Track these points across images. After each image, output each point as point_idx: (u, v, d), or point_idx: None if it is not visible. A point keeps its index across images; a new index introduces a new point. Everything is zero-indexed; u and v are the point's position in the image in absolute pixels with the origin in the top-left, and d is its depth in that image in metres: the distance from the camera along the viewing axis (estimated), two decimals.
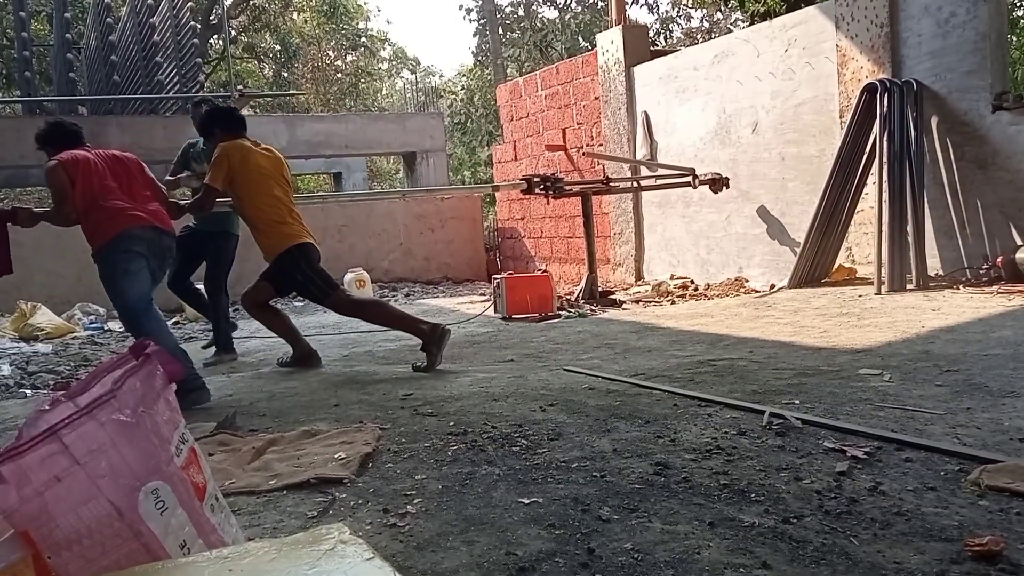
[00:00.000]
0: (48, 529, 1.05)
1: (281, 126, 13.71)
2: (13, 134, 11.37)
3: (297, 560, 0.81)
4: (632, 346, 4.63)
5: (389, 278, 11.05)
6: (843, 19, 6.56)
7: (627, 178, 8.61)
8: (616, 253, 9.42)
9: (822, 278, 6.62)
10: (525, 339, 5.36)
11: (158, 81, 12.83)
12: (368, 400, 3.55)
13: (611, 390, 3.36)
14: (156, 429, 1.19)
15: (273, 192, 4.46)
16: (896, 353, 3.66)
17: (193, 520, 1.18)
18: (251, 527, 2.01)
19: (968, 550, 1.58)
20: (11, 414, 3.87)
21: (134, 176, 3.92)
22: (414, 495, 2.17)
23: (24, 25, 15.89)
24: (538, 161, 10.63)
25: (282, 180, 4.58)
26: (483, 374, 4.01)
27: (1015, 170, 5.63)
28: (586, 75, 9.68)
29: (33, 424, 1.15)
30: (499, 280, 6.78)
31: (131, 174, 3.91)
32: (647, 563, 1.63)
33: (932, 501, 1.88)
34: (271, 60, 26.65)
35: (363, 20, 29.32)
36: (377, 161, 25.39)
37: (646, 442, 2.53)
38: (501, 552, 1.74)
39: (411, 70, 32.62)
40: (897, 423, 2.55)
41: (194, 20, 14.80)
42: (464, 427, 2.87)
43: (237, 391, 4.08)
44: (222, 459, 2.64)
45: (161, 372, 1.27)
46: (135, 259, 3.74)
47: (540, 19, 22.98)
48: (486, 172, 18.49)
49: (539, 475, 2.27)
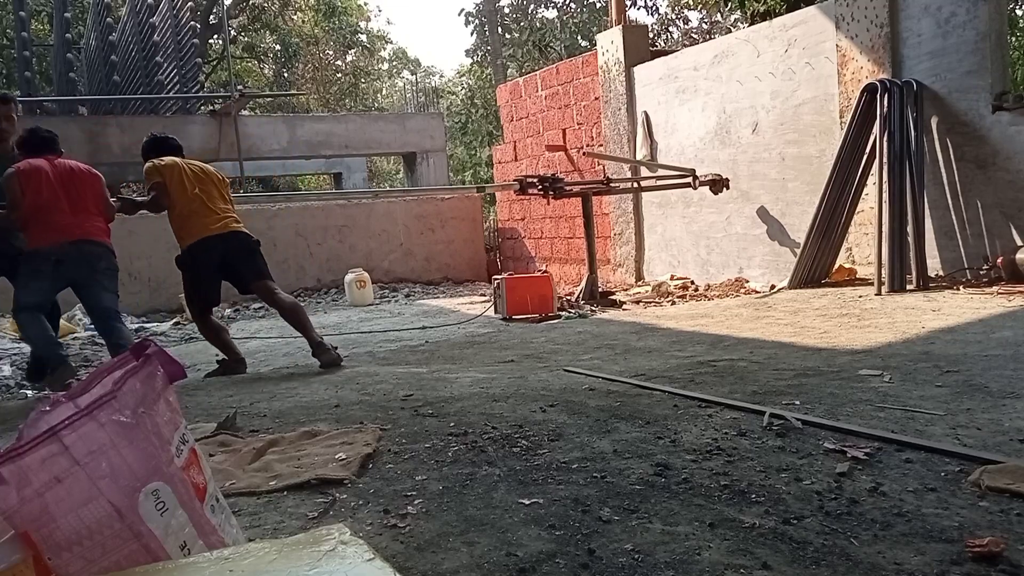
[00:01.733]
0: (49, 530, 1.05)
1: (281, 126, 13.71)
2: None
3: (297, 561, 0.81)
4: (632, 347, 4.63)
5: (389, 278, 11.05)
6: (843, 19, 6.56)
7: (627, 178, 8.61)
8: (616, 253, 9.42)
9: (822, 279, 6.62)
10: (525, 340, 5.36)
11: (158, 81, 12.83)
12: (369, 401, 3.55)
13: (611, 391, 3.36)
14: (156, 430, 1.18)
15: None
16: (896, 354, 3.66)
17: (193, 521, 1.18)
18: (252, 528, 2.00)
19: (968, 551, 1.58)
20: (11, 414, 3.87)
21: (85, 192, 4.30)
22: (414, 496, 2.17)
23: (24, 25, 15.89)
24: (538, 161, 10.63)
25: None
26: (483, 375, 4.01)
27: (1015, 170, 5.63)
28: (586, 75, 9.68)
29: (33, 425, 1.15)
30: (499, 280, 6.78)
31: (82, 189, 4.29)
32: (647, 564, 1.63)
33: (932, 502, 1.88)
34: (271, 60, 26.65)
35: (363, 20, 29.32)
36: (377, 161, 25.41)
37: (646, 443, 2.53)
38: (501, 553, 1.74)
39: (411, 71, 32.64)
40: (897, 424, 2.55)
41: (194, 20, 14.81)
42: (464, 428, 2.87)
43: (238, 391, 4.08)
44: (222, 460, 2.64)
45: (161, 373, 1.27)
46: (36, 275, 4.22)
47: (539, 19, 22.98)
48: (486, 172, 18.49)
49: (539, 476, 2.27)
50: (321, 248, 10.84)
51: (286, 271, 10.44)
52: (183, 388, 4.08)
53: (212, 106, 13.60)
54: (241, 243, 4.64)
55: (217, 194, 4.62)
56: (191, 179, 4.53)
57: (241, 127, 12.68)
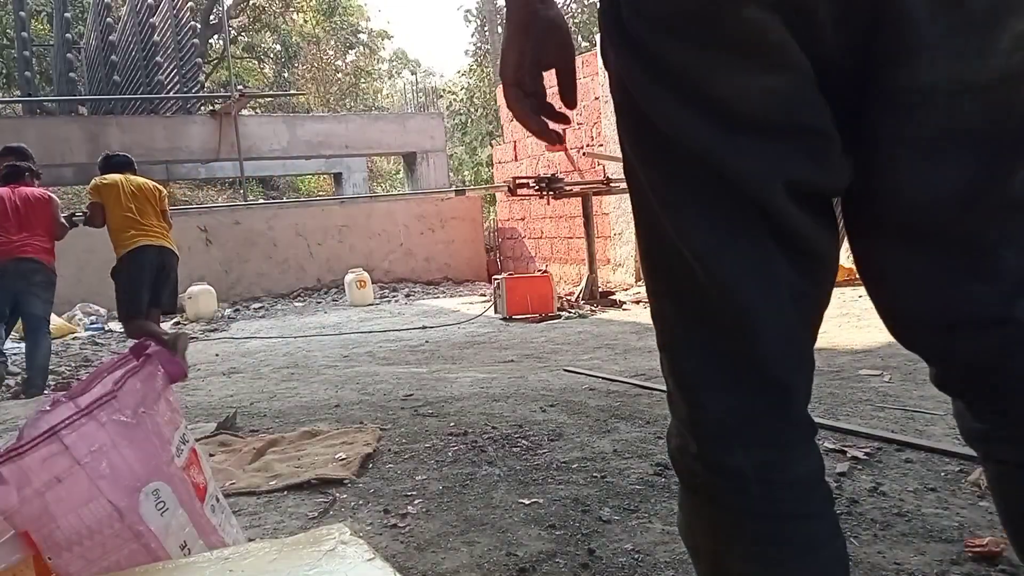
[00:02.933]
0: (49, 530, 1.05)
1: (281, 126, 13.70)
2: (13, 134, 11.36)
3: (298, 561, 0.81)
4: (632, 347, 4.63)
5: (390, 278, 11.05)
6: None
7: None
8: (616, 253, 9.42)
9: None
10: (525, 339, 5.36)
11: (158, 81, 12.82)
12: (369, 401, 3.55)
13: (611, 391, 3.36)
14: (157, 430, 1.19)
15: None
16: (896, 354, 3.66)
17: (194, 520, 1.18)
18: (252, 527, 2.01)
19: (968, 551, 1.58)
20: (11, 414, 3.87)
21: (33, 216, 4.85)
22: (415, 496, 2.17)
23: (24, 25, 15.89)
24: (538, 161, 10.63)
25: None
26: (483, 375, 4.01)
27: None
28: (586, 75, 9.68)
29: (34, 424, 1.15)
30: (499, 280, 6.78)
31: (31, 214, 4.85)
32: (647, 564, 1.63)
33: (932, 502, 1.88)
34: (271, 60, 26.65)
35: (363, 20, 29.32)
36: (378, 161, 25.40)
37: (646, 443, 2.53)
38: (501, 553, 1.74)
39: (411, 71, 32.64)
40: (897, 424, 2.55)
41: (194, 20, 14.81)
42: (465, 428, 2.87)
43: (238, 391, 4.08)
44: (223, 460, 2.64)
45: (162, 373, 1.27)
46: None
47: None
48: (486, 172, 18.48)
49: (539, 476, 2.27)
50: (321, 248, 10.84)
51: (286, 271, 10.45)
52: (183, 388, 4.09)
53: (212, 106, 13.60)
54: (164, 260, 4.99)
55: (150, 210, 4.97)
56: (127, 196, 4.90)
57: (241, 127, 12.67)
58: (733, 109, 0.73)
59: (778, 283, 0.77)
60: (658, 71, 0.74)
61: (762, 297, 0.77)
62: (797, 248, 0.78)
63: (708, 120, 0.73)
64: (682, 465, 0.84)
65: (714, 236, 0.77)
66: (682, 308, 0.82)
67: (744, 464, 0.78)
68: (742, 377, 0.79)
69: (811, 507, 0.80)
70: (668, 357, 0.85)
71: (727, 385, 0.79)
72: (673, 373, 0.84)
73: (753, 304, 0.77)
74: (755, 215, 0.76)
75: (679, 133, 0.75)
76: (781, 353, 0.79)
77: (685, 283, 0.80)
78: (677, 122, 0.74)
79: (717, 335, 0.79)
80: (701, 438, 0.81)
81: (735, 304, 0.77)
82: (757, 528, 0.79)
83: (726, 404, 0.79)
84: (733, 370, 0.79)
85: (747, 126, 0.73)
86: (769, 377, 0.79)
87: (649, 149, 0.79)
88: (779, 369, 0.79)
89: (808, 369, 0.82)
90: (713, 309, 0.79)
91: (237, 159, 12.72)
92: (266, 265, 10.36)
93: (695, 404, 0.81)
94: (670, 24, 0.73)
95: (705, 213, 0.77)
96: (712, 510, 0.82)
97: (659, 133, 0.76)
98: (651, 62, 0.75)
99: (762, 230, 0.76)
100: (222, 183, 21.53)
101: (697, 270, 0.77)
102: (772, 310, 0.77)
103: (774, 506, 0.78)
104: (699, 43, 0.72)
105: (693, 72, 0.73)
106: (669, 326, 0.85)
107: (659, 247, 0.82)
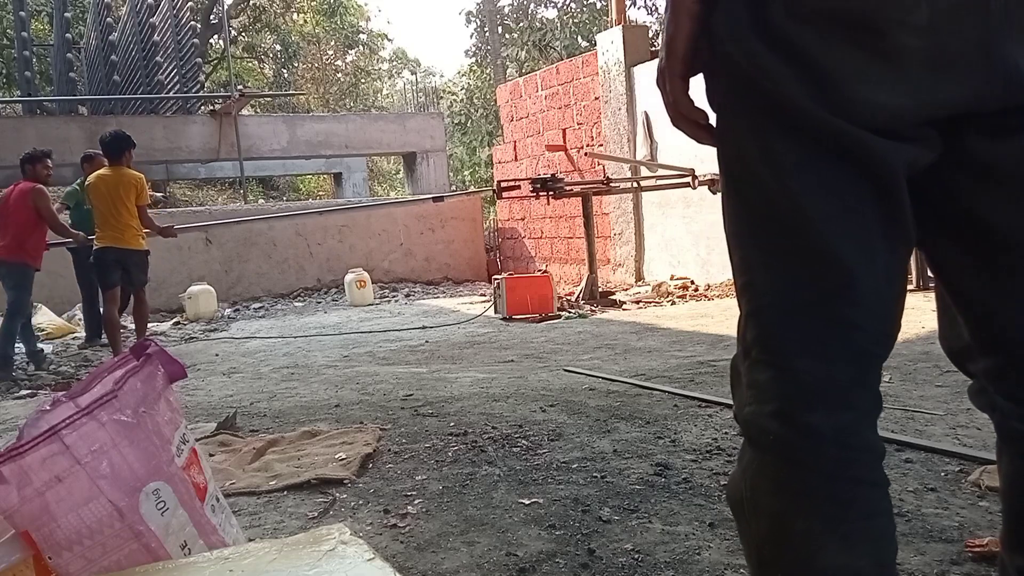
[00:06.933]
0: (49, 529, 1.05)
1: (281, 126, 13.70)
2: (13, 134, 11.37)
3: (298, 561, 0.81)
4: (632, 347, 4.63)
5: (389, 278, 11.05)
6: None
7: (627, 178, 8.61)
8: (616, 254, 9.42)
9: None
10: (525, 339, 5.36)
11: (158, 81, 12.82)
12: (369, 401, 3.55)
13: (611, 391, 3.36)
14: (157, 429, 1.19)
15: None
16: (896, 354, 3.64)
17: (194, 520, 1.18)
18: (252, 527, 2.01)
19: (968, 551, 1.58)
20: (11, 414, 3.87)
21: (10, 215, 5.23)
22: (414, 496, 2.18)
23: (24, 25, 15.88)
24: (538, 161, 10.63)
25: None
26: (483, 375, 4.01)
27: None
28: (586, 75, 9.68)
29: (34, 424, 1.15)
30: (499, 280, 6.78)
31: (8, 213, 5.24)
32: (647, 564, 1.63)
33: (932, 502, 1.88)
34: (271, 60, 26.63)
35: (363, 20, 29.31)
36: (378, 161, 25.40)
37: (646, 443, 2.53)
38: (501, 553, 1.74)
39: (411, 71, 32.63)
40: (897, 424, 2.55)
41: (194, 20, 14.81)
42: (464, 428, 2.87)
43: (238, 391, 4.08)
44: (223, 459, 2.64)
45: (162, 373, 1.27)
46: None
47: (539, 19, 22.98)
48: (486, 172, 18.48)
49: (539, 476, 2.27)
50: (321, 248, 10.83)
51: (286, 271, 10.44)
52: (183, 388, 4.09)
53: (212, 106, 13.59)
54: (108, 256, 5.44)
55: (106, 210, 5.34)
56: (95, 195, 5.38)
57: (241, 127, 12.67)
58: (867, 112, 0.80)
59: (878, 258, 0.84)
60: (802, 66, 0.80)
61: (865, 266, 0.83)
62: (898, 236, 0.84)
63: (843, 116, 0.80)
64: (754, 426, 0.87)
65: (832, 206, 0.83)
66: (783, 276, 0.86)
67: (824, 425, 0.82)
68: (837, 345, 0.84)
69: (876, 475, 0.85)
70: (757, 324, 0.88)
71: (821, 352, 0.84)
72: (760, 339, 0.88)
73: (856, 270, 0.83)
74: (871, 197, 0.83)
75: (813, 120, 0.81)
76: (877, 324, 0.85)
77: (793, 256, 0.85)
78: (814, 112, 0.81)
79: (817, 302, 0.84)
80: (783, 397, 0.84)
81: (841, 269, 0.82)
82: (828, 488, 0.83)
83: (817, 369, 0.83)
84: (831, 338, 0.84)
85: (878, 124, 0.80)
86: (862, 346, 0.84)
87: (777, 129, 0.84)
88: (871, 340, 0.85)
89: (892, 344, 0.87)
90: (818, 275, 0.84)
91: (237, 159, 12.73)
92: (266, 265, 10.35)
93: (784, 368, 0.85)
94: (827, 27, 0.79)
95: (827, 185, 0.83)
96: (783, 468, 0.85)
97: (789, 117, 0.82)
98: (795, 57, 0.81)
99: (874, 213, 0.83)
100: (222, 183, 21.54)
101: (811, 235, 0.83)
102: (872, 279, 0.83)
103: (846, 468, 0.83)
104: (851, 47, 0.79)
105: (836, 74, 0.79)
106: (760, 294, 0.88)
107: (767, 222, 0.87)
